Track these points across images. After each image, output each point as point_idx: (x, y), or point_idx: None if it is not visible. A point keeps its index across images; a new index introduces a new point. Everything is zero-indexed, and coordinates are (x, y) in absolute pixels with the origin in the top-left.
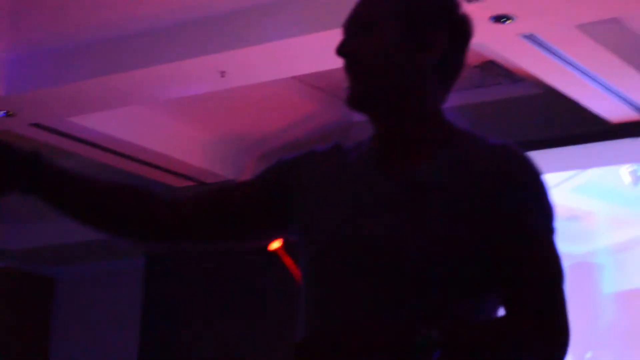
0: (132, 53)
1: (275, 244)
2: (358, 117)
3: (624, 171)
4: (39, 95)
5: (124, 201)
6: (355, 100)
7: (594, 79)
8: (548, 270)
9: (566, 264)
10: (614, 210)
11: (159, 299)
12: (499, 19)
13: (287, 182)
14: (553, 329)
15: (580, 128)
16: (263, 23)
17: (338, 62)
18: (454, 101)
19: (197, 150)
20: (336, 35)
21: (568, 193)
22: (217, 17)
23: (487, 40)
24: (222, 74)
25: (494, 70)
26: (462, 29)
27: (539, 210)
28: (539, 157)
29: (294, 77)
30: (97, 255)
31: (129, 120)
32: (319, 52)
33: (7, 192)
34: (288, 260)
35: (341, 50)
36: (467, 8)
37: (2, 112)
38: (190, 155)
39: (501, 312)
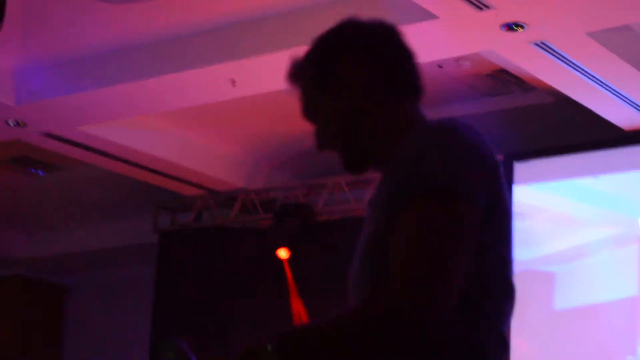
0: (143, 62)
1: (284, 254)
2: None
3: None
4: (50, 105)
5: None
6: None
7: (605, 86)
8: (402, 241)
9: None
10: (569, 207)
11: (169, 307)
12: (510, 27)
13: None
14: (382, 302)
15: (592, 135)
16: (274, 32)
17: None
18: (464, 109)
19: (208, 159)
20: None
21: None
22: (228, 26)
23: (498, 48)
24: (233, 82)
25: (505, 78)
26: (378, 42)
27: (414, 173)
28: (551, 165)
29: None
30: (108, 263)
31: (141, 130)
32: None
33: None
34: (288, 271)
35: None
36: (478, 16)
37: (13, 122)
38: (201, 163)
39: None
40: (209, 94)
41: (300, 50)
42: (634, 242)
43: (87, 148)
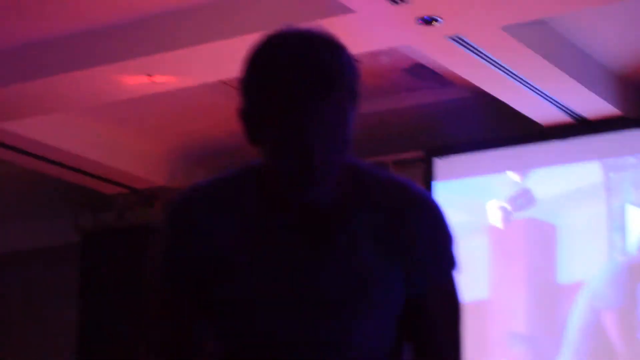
0: (62, 56)
1: None
2: None
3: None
4: None
5: None
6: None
7: (521, 80)
8: (446, 319)
9: None
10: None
11: (94, 307)
12: (426, 20)
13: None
14: None
15: (511, 131)
16: (191, 26)
17: None
18: (383, 105)
19: (129, 156)
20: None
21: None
22: (144, 20)
23: (414, 43)
24: (150, 77)
25: (423, 73)
26: None
27: (439, 258)
28: (469, 160)
29: (221, 81)
30: (29, 264)
31: (60, 127)
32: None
33: None
34: None
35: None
36: (393, 10)
37: None
38: (121, 161)
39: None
40: (126, 90)
41: (217, 44)
42: (482, 233)
43: (3, 145)
